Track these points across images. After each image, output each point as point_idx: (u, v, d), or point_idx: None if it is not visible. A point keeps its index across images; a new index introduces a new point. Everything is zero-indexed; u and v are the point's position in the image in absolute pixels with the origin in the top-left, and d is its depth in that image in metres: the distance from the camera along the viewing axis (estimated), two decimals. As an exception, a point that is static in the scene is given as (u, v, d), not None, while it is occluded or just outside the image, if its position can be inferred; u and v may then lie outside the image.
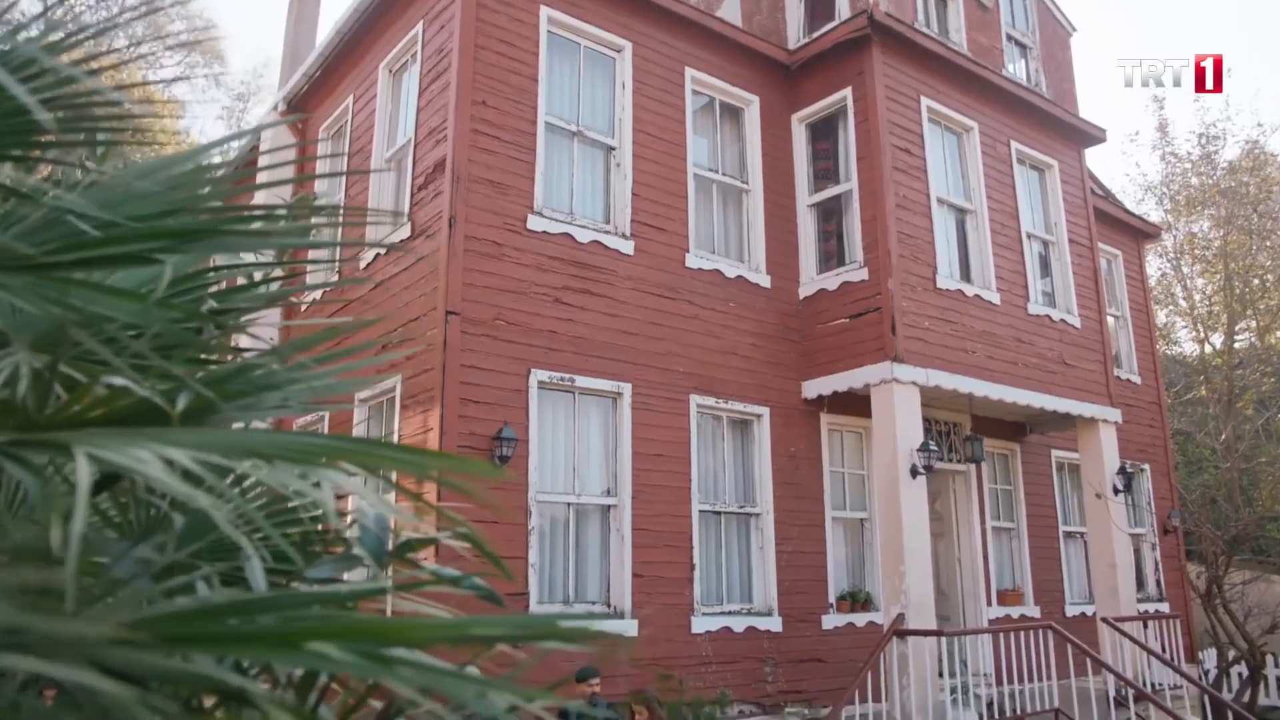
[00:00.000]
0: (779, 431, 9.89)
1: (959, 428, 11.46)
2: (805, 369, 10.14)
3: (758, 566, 9.58)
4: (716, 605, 9.23)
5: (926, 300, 9.76)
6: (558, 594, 8.27)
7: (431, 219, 8.35)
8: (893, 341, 9.31)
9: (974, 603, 11.25)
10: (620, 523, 8.58)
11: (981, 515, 11.58)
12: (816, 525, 10.00)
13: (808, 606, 9.73)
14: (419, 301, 8.30)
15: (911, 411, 9.32)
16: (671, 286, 9.37)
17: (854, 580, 10.37)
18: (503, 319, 8.19)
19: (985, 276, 10.58)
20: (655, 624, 8.57)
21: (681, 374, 9.25)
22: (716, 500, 9.45)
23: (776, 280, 10.23)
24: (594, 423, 8.74)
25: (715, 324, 9.62)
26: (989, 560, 11.56)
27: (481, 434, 7.83)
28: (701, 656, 8.83)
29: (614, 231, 9.11)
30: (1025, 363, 10.73)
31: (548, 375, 8.35)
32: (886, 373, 9.28)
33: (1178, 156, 23.08)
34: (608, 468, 8.72)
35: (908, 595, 8.89)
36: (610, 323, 8.86)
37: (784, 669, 9.39)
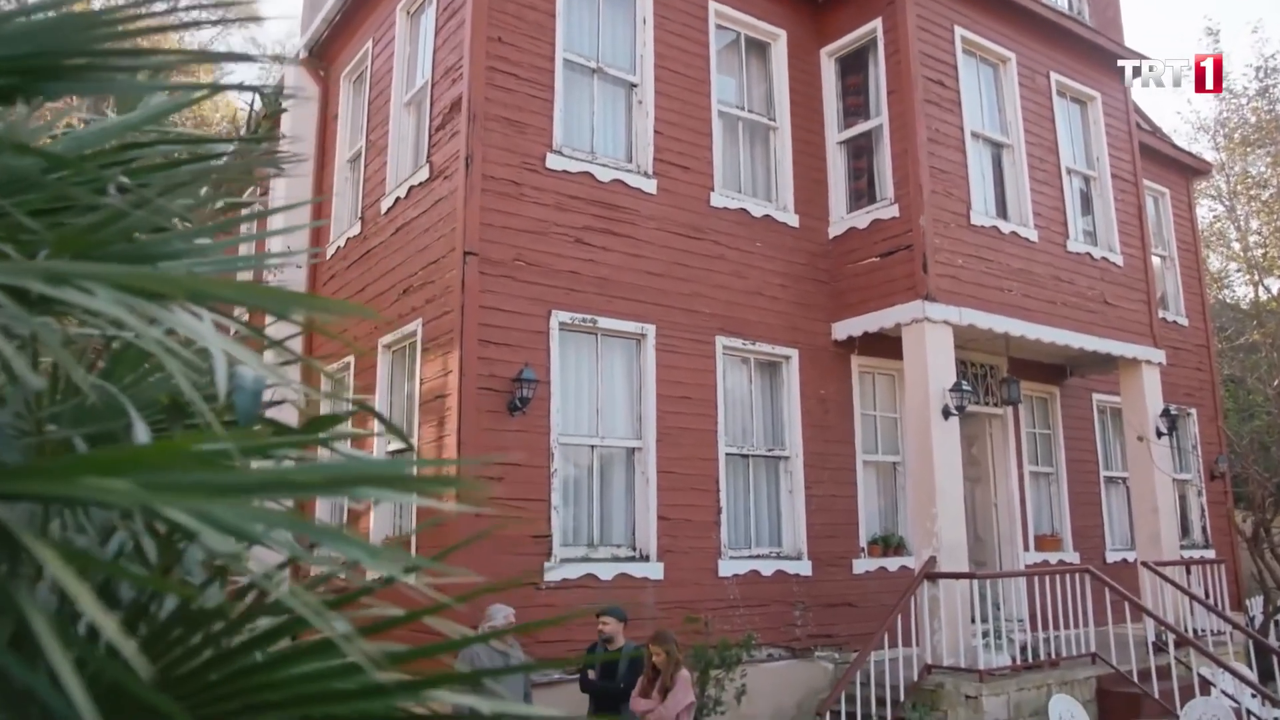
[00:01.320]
0: (808, 373, 9.71)
1: (995, 370, 11.19)
2: (835, 310, 9.91)
3: (787, 510, 9.46)
4: (745, 549, 9.14)
5: (960, 237, 9.47)
6: (582, 537, 8.23)
7: (449, 160, 8.22)
8: (924, 280, 9.05)
9: (1010, 548, 11.04)
10: (645, 466, 8.49)
11: (1019, 459, 11.33)
12: (847, 469, 9.84)
13: (838, 551, 9.61)
14: (438, 244, 8.21)
15: (944, 351, 9.08)
16: (696, 226, 9.18)
17: (886, 524, 10.22)
18: (522, 259, 8.08)
19: (1022, 213, 10.24)
20: (682, 567, 8.50)
21: (707, 315, 9.09)
22: (744, 443, 9.32)
23: (805, 219, 9.98)
24: (618, 365, 8.63)
25: (741, 264, 9.42)
26: (1026, 505, 11.33)
27: (502, 376, 7.75)
28: (729, 600, 8.76)
29: (636, 170, 8.92)
30: (1064, 302, 10.40)
31: (569, 316, 8.24)
32: (918, 312, 9.03)
33: (1233, 92, 22.16)
34: (632, 410, 8.62)
35: (939, 538, 8.72)
36: (633, 263, 8.70)
37: (814, 613, 9.30)
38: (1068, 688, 8.68)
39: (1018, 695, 8.28)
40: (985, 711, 7.97)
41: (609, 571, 8.09)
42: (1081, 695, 8.73)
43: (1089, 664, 9.07)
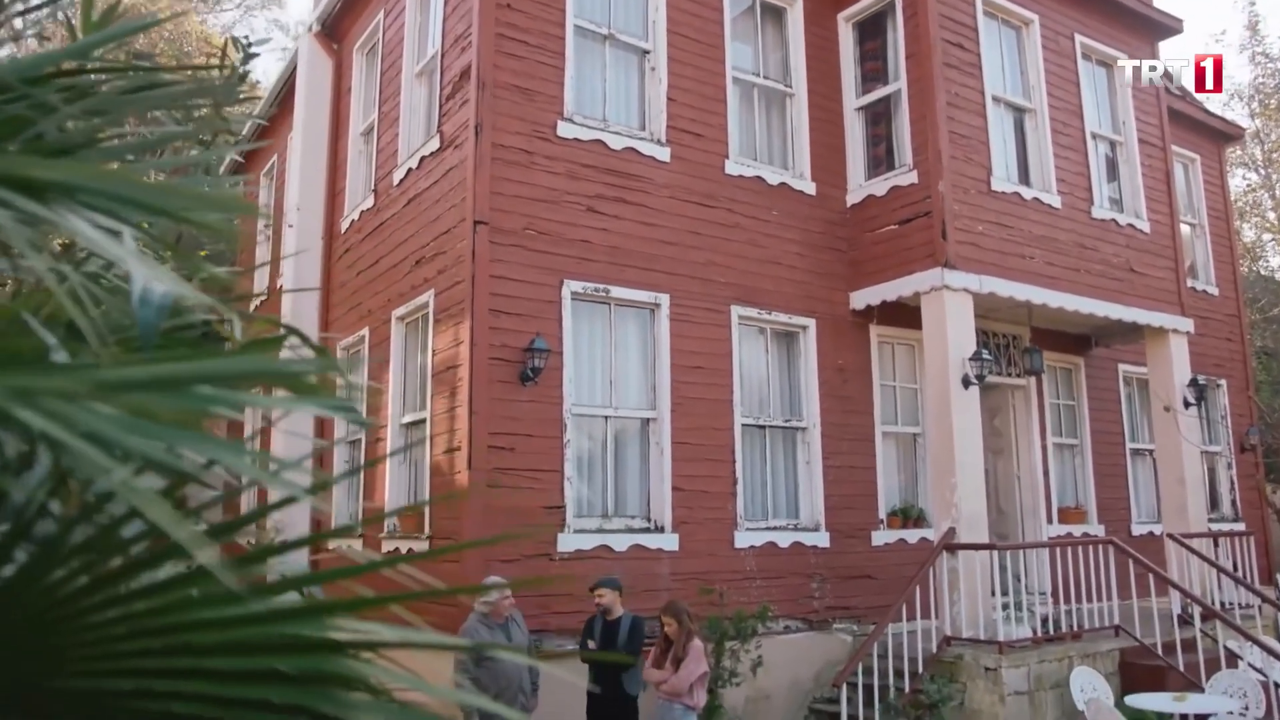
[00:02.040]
0: (826, 343, 9.58)
1: (1018, 340, 11.00)
2: (853, 279, 9.77)
3: (804, 481, 9.37)
4: (761, 520, 9.06)
5: (980, 204, 9.28)
6: (596, 509, 8.18)
7: (459, 129, 8.15)
8: (943, 247, 8.88)
9: (1033, 520, 10.88)
10: (660, 436, 8.42)
11: (1042, 431, 11.16)
12: (866, 440, 9.72)
13: (857, 522, 9.51)
14: (449, 214, 8.14)
15: (964, 319, 8.92)
16: (710, 194, 9.06)
17: (906, 496, 10.10)
18: (533, 228, 8.00)
19: (1045, 178, 10.02)
20: (697, 538, 8.44)
21: (722, 284, 8.98)
22: (761, 414, 9.22)
23: (822, 187, 9.83)
24: (631, 334, 8.55)
25: (757, 233, 9.30)
26: (1050, 477, 11.16)
27: (513, 345, 7.69)
28: (745, 571, 8.70)
29: (649, 138, 8.80)
30: (1089, 269, 10.19)
31: (581, 286, 8.16)
32: (937, 279, 8.87)
33: (1269, 57, 21.62)
34: (646, 380, 8.54)
35: (959, 509, 8.60)
36: (646, 232, 8.60)
37: (832, 585, 9.22)
38: (1090, 660, 8.56)
39: (1038, 667, 8.17)
40: (1005, 684, 7.86)
41: (623, 543, 8.04)
42: (1104, 668, 8.61)
43: (1112, 637, 8.94)
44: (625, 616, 6.87)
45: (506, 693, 6.44)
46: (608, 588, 6.90)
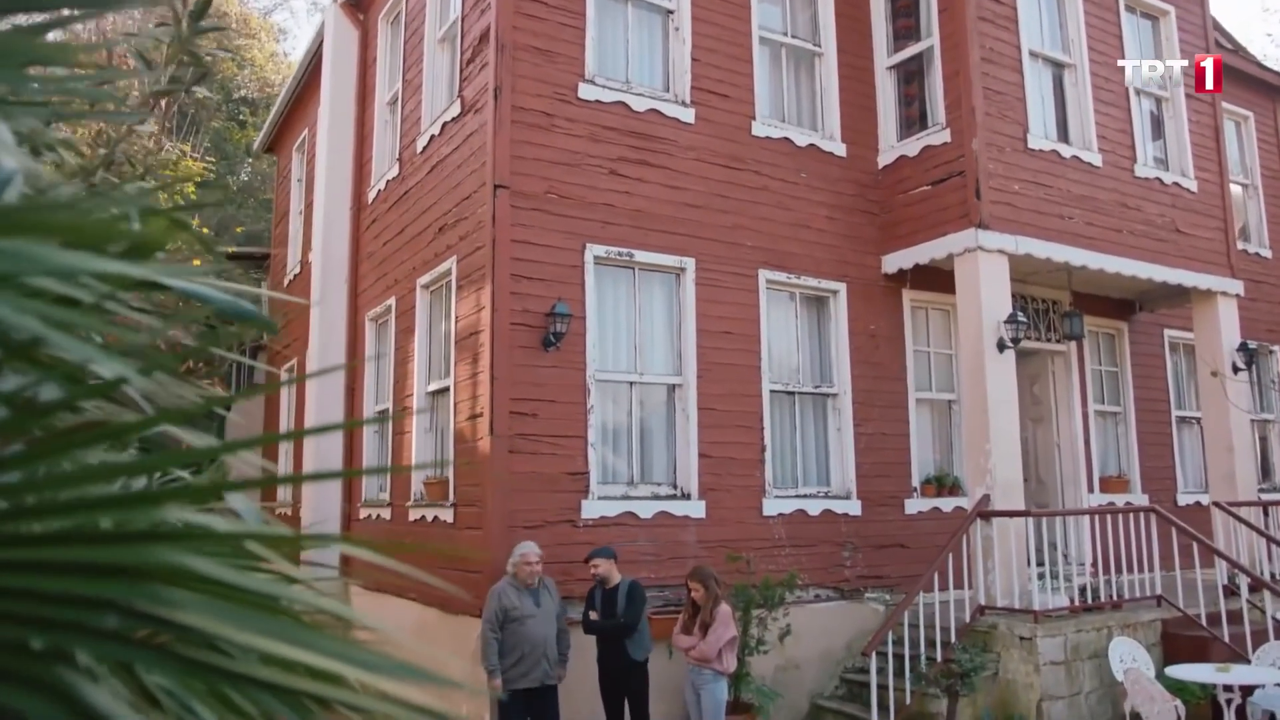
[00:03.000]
0: (857, 308, 9.38)
1: (1057, 305, 10.69)
2: (885, 242, 9.54)
3: (835, 448, 9.21)
4: (790, 488, 8.92)
5: (1016, 162, 8.99)
6: (622, 475, 8.10)
7: (479, 93, 8.05)
8: (977, 207, 8.62)
9: (1074, 489, 10.62)
10: (686, 403, 8.31)
11: (1083, 398, 10.86)
12: (899, 407, 9.52)
13: (889, 490, 9.33)
14: (470, 179, 8.07)
15: (998, 282, 8.67)
16: (737, 156, 8.88)
17: (941, 464, 9.89)
18: (555, 192, 7.89)
19: (1085, 136, 9.69)
20: (724, 506, 8.34)
21: (749, 248, 8.81)
22: (790, 380, 9.07)
23: (853, 149, 9.59)
24: (656, 299, 8.43)
25: (785, 195, 9.10)
26: (1091, 446, 10.87)
27: (535, 311, 7.62)
28: (774, 539, 8.58)
29: (673, 99, 8.64)
30: (1131, 230, 9.85)
31: (604, 250, 8.05)
32: (970, 241, 8.62)
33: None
34: (672, 346, 8.43)
35: (993, 476, 8.38)
36: (671, 195, 8.46)
37: (863, 554, 9.07)
38: (1130, 630, 8.33)
39: (1076, 637, 7.97)
40: (1040, 653, 7.68)
41: (648, 510, 7.96)
42: (1145, 638, 8.38)
43: (1154, 607, 8.69)
44: (623, 582, 6.81)
45: (529, 658, 6.43)
46: (602, 558, 6.85)
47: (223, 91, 27.87)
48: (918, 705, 7.77)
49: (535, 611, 6.49)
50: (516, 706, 6.49)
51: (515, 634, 6.49)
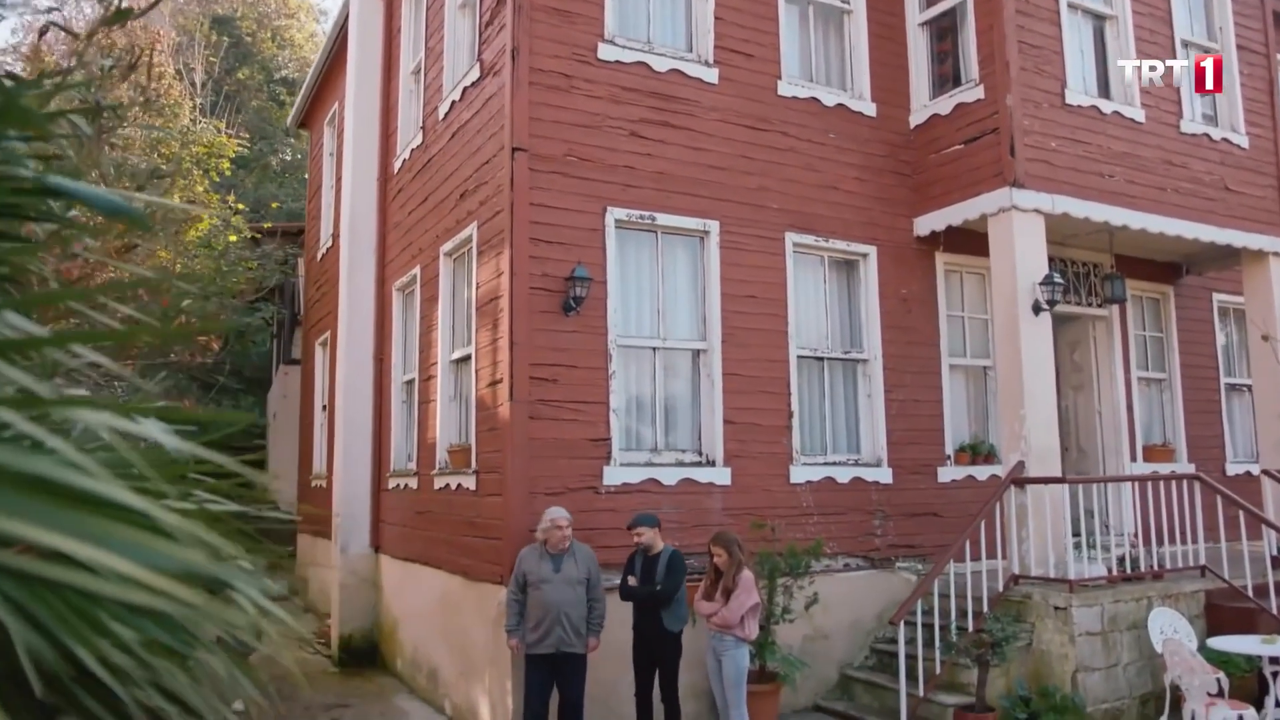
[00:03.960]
0: (888, 272, 9.16)
1: (1098, 268, 10.35)
2: (917, 204, 9.29)
3: (865, 415, 9.02)
4: (819, 455, 8.76)
5: (1053, 118, 8.68)
6: (645, 442, 8.00)
7: (497, 55, 7.94)
8: (1011, 165, 8.34)
9: (1115, 459, 10.31)
10: (710, 368, 8.18)
11: (1126, 364, 10.52)
12: (931, 372, 9.29)
13: (922, 458, 9.13)
14: (489, 144, 7.97)
15: (1034, 242, 8.39)
16: (762, 117, 8.68)
17: (976, 432, 9.65)
18: (574, 155, 7.77)
19: (1127, 91, 9.32)
20: (750, 473, 8.20)
21: (775, 210, 8.62)
22: (818, 345, 8.88)
23: (884, 108, 9.33)
24: (680, 263, 8.29)
25: (813, 157, 8.89)
26: (1134, 414, 10.53)
27: (555, 275, 7.52)
28: (802, 507, 8.43)
29: (696, 59, 8.45)
30: (1177, 188, 9.48)
31: (625, 213, 7.92)
32: (1004, 200, 8.35)
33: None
34: (696, 311, 8.29)
35: (1028, 442, 8.15)
36: (694, 157, 8.29)
37: (895, 523, 8.89)
38: (1172, 601, 8.06)
39: (1113, 607, 7.73)
40: (1075, 623, 7.45)
41: (672, 476, 7.85)
42: (1188, 610, 8.10)
43: (1198, 577, 8.41)
44: (665, 551, 6.71)
45: (545, 623, 6.39)
46: (645, 525, 6.75)
47: (264, 72, 28.10)
48: (948, 675, 7.61)
49: (553, 577, 6.43)
50: (538, 672, 6.46)
51: (534, 599, 6.46)
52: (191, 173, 14.33)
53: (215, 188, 16.66)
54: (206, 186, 15.23)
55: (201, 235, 15.04)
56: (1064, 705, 7.30)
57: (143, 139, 14.64)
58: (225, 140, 15.96)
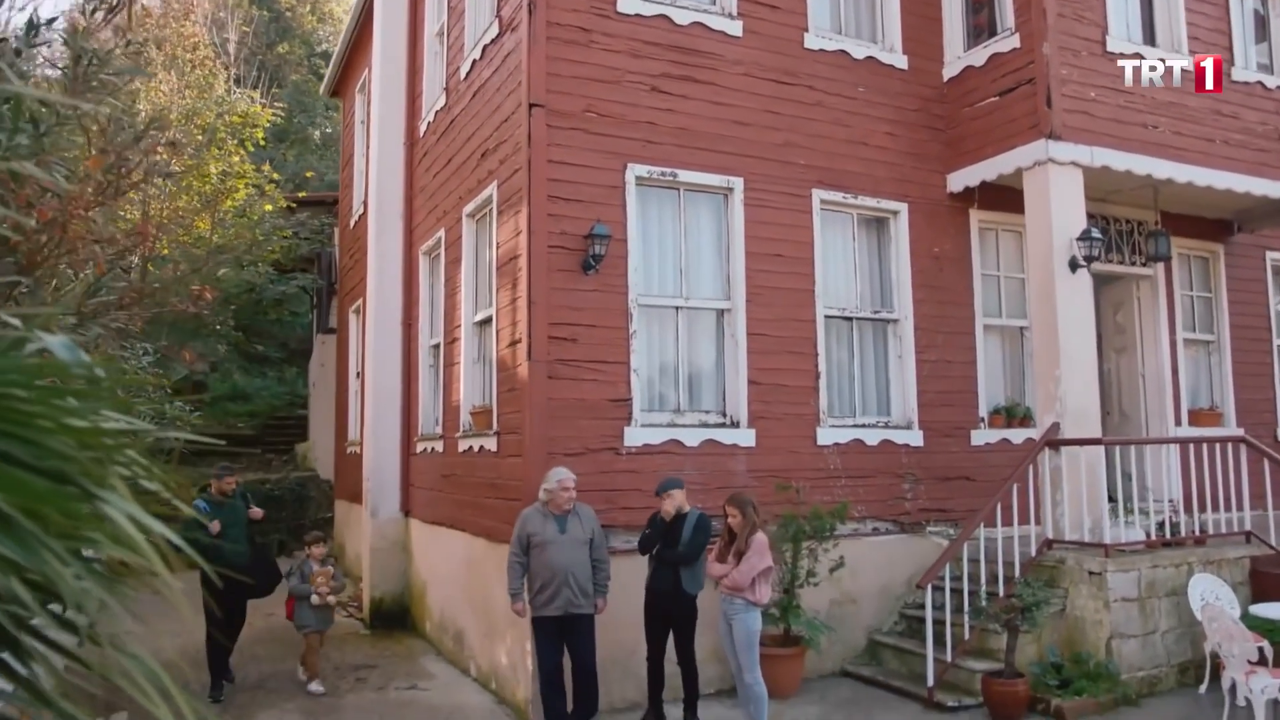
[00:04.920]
0: (920, 229, 8.90)
1: (1143, 226, 9.97)
2: (950, 159, 9.00)
3: (895, 376, 8.81)
4: (847, 417, 8.58)
5: (1093, 67, 8.33)
6: (668, 402, 7.88)
7: (515, 10, 7.79)
8: (1047, 116, 8.03)
9: (1159, 423, 9.97)
10: (735, 328, 8.02)
11: (1171, 325, 10.15)
12: (965, 333, 9.04)
13: (955, 420, 8.90)
14: (508, 101, 7.85)
15: (1071, 196, 8.09)
16: (789, 71, 8.44)
17: (1012, 394, 9.39)
18: (594, 111, 7.62)
19: (1174, 37, 8.92)
20: (775, 435, 8.05)
21: (802, 167, 8.41)
22: (847, 305, 8.67)
23: (915, 61, 9.04)
24: (703, 221, 8.12)
25: (842, 111, 8.64)
26: (1179, 376, 10.17)
27: (573, 233, 7.40)
28: (829, 470, 8.27)
29: (719, 11, 8.24)
30: (1227, 140, 9.08)
31: (646, 170, 7.76)
32: (1040, 153, 8.05)
33: None
34: (720, 269, 8.12)
35: (1063, 403, 7.89)
36: (717, 112, 8.09)
37: (925, 486, 8.69)
38: (1214, 567, 7.79)
39: (1151, 573, 7.48)
40: (1110, 588, 7.23)
41: (695, 438, 7.73)
42: (1231, 576, 7.83)
43: (1242, 543, 8.14)
44: (691, 513, 6.60)
45: (551, 584, 6.33)
46: (677, 489, 6.61)
47: (304, 46, 28.23)
48: (978, 641, 7.43)
49: (558, 538, 6.36)
50: (547, 633, 6.41)
51: (538, 560, 6.40)
52: (226, 142, 14.40)
53: (253, 159, 16.77)
54: (242, 156, 15.31)
55: (238, 205, 15.17)
56: (1097, 672, 7.10)
57: (179, 111, 14.77)
58: (259, 110, 16.01)
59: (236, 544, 7.59)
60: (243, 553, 7.69)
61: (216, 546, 7.22)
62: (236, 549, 7.55)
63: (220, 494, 7.82)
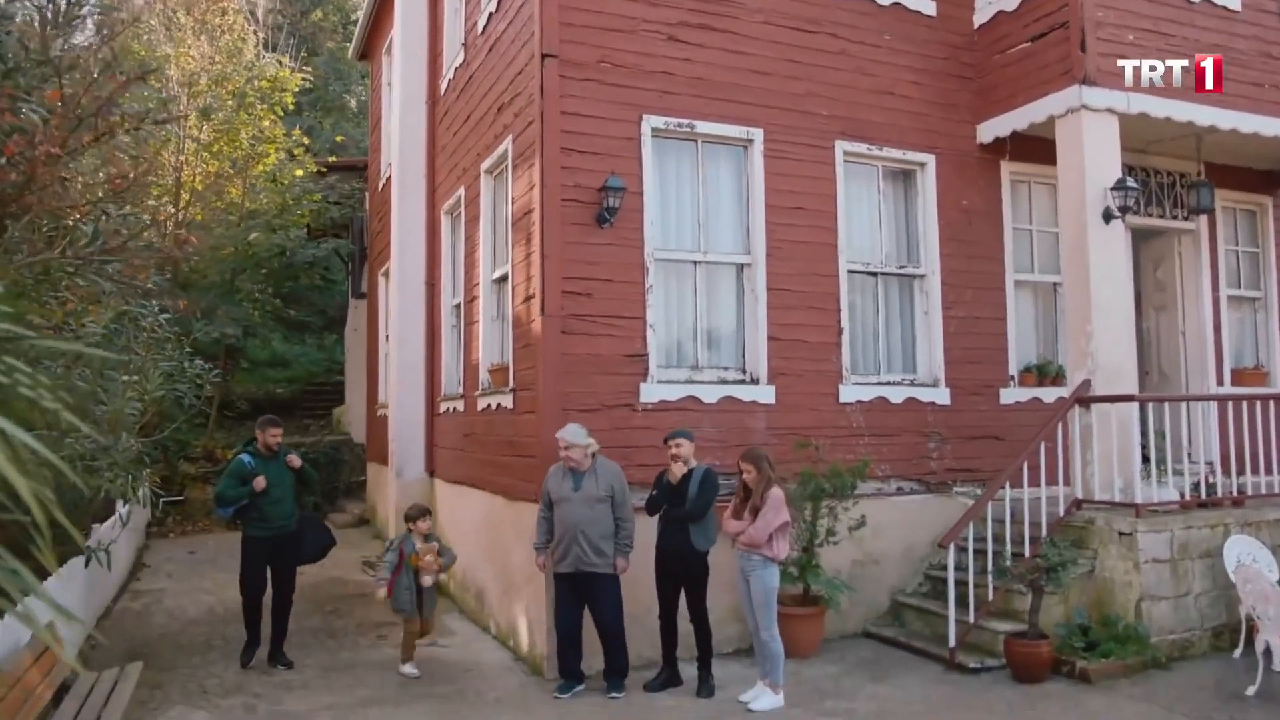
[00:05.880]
0: (948, 182, 8.64)
1: (1185, 178, 9.59)
2: (981, 109, 8.71)
3: (922, 333, 8.59)
4: (871, 374, 8.39)
5: (1131, 8, 7.98)
6: (686, 358, 7.76)
7: (529, -42, 7.63)
8: (1081, 61, 7.71)
9: (1200, 383, 9.64)
10: (754, 282, 7.86)
11: (1214, 281, 9.79)
12: (995, 289, 8.79)
13: (983, 378, 8.67)
14: (522, 53, 7.70)
15: (1105, 144, 7.78)
16: (811, 19, 8.19)
17: (1044, 352, 9.12)
18: (608, 61, 7.45)
19: (1219, -25, 8.51)
20: (796, 391, 7.90)
21: (825, 117, 8.18)
22: (871, 260, 8.46)
23: (944, 7, 8.73)
24: (723, 174, 7.94)
25: (866, 60, 8.38)
26: (1222, 334, 9.81)
27: (587, 186, 7.27)
28: (851, 428, 8.10)
29: (738, -43, 8.00)
30: (1277, 84, 8.66)
31: (663, 121, 7.59)
32: (1073, 99, 7.74)
33: None
34: (740, 223, 7.95)
35: (1095, 359, 7.63)
36: (736, 61, 7.88)
37: (952, 445, 8.49)
38: (1253, 529, 7.52)
39: (1184, 534, 7.24)
40: (1140, 549, 7.01)
41: (713, 394, 7.60)
42: (1271, 538, 7.56)
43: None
44: (698, 469, 6.49)
45: (564, 541, 6.32)
46: (685, 438, 6.53)
47: (338, 14, 28.25)
48: (1002, 602, 7.26)
49: (572, 495, 6.32)
50: (561, 590, 6.40)
51: (556, 517, 6.41)
52: (256, 107, 14.43)
53: (287, 125, 16.81)
54: (273, 121, 15.34)
55: (268, 170, 15.23)
56: (1126, 635, 6.90)
57: (209, 76, 14.82)
58: (287, 75, 16.02)
59: (281, 504, 7.21)
60: (288, 514, 7.29)
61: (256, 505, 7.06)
62: (281, 509, 7.21)
63: (266, 449, 7.28)
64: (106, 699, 5.26)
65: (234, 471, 7.22)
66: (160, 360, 7.35)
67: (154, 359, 7.17)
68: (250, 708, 6.31)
